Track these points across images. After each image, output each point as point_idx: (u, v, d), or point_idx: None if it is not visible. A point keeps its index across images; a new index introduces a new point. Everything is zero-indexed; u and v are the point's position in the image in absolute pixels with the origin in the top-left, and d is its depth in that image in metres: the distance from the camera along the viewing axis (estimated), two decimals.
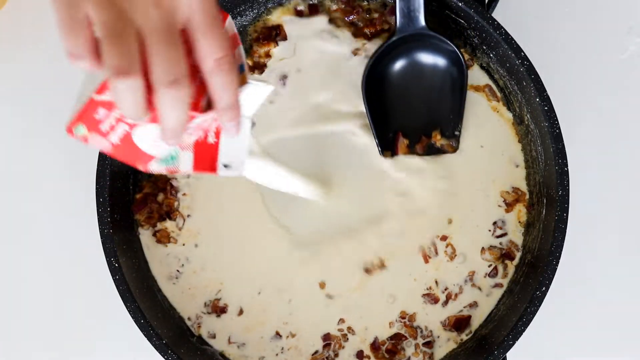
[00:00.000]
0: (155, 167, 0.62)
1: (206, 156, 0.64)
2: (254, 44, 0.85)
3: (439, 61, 0.83)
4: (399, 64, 0.83)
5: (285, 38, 0.85)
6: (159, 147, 0.60)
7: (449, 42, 0.81)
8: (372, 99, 0.82)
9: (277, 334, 0.83)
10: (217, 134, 0.64)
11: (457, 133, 0.83)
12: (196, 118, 0.58)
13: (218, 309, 0.83)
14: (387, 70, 0.83)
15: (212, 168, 0.65)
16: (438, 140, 0.83)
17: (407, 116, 0.84)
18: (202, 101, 0.59)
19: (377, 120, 0.82)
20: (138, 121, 0.57)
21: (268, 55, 0.85)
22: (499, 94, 0.84)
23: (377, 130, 0.82)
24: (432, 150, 0.83)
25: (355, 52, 0.85)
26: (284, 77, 0.84)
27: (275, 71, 0.84)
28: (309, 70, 0.84)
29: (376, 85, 0.83)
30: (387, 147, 0.83)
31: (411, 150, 0.83)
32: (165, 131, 0.57)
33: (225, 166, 0.65)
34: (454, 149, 0.83)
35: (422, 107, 0.84)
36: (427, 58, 0.83)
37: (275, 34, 0.85)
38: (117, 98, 0.54)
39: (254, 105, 0.62)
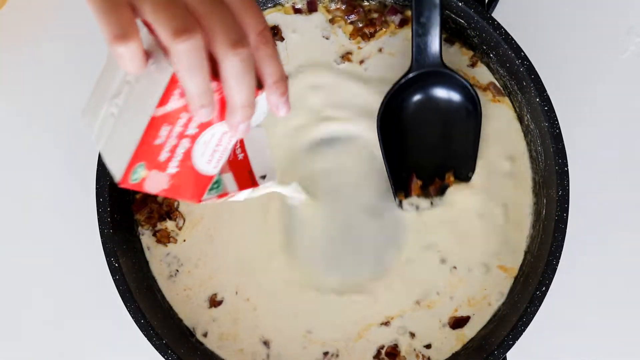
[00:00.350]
0: (206, 197, 0.59)
1: (243, 172, 0.63)
2: None
3: (455, 99, 0.82)
4: (413, 102, 0.82)
5: (282, 39, 0.85)
6: (218, 157, 0.58)
7: (465, 80, 0.81)
8: (386, 138, 0.81)
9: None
10: (243, 148, 0.62)
11: (470, 175, 0.82)
12: (257, 95, 0.56)
13: (216, 303, 0.83)
14: (401, 108, 0.82)
15: (254, 182, 0.63)
16: (451, 182, 0.82)
17: (422, 156, 0.83)
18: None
19: (391, 160, 0.81)
20: (207, 107, 0.53)
21: None
22: (503, 91, 0.84)
23: (392, 171, 0.81)
24: (444, 192, 0.83)
25: (346, 58, 0.84)
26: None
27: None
28: (302, 75, 0.84)
29: (391, 124, 0.82)
30: (401, 188, 0.82)
31: (424, 191, 0.82)
32: (237, 111, 0.54)
33: (262, 177, 0.64)
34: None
35: (436, 147, 0.83)
36: (442, 96, 0.82)
37: (274, 33, 0.85)
38: (182, 68, 0.51)
39: (264, 104, 0.60)
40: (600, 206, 0.89)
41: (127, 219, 0.83)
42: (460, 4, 0.80)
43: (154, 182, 0.56)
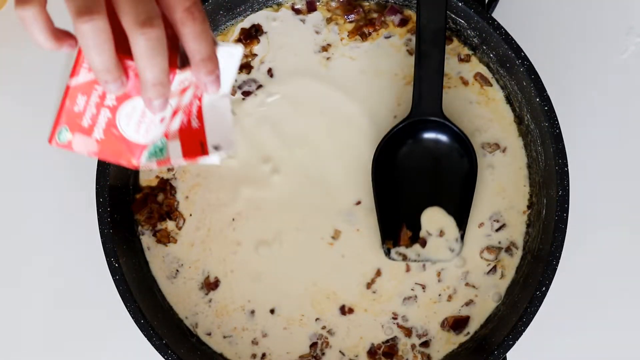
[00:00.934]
0: (145, 161, 0.59)
1: (194, 141, 0.62)
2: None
3: (451, 152, 0.81)
4: (408, 148, 0.81)
5: (263, 32, 0.85)
6: (146, 128, 0.58)
7: (462, 133, 0.80)
8: (379, 183, 0.81)
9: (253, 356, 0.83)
10: (200, 117, 0.62)
11: (461, 232, 0.82)
12: (176, 75, 0.56)
13: (211, 285, 0.83)
14: (396, 154, 0.82)
15: (204, 151, 0.63)
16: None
17: (413, 206, 0.82)
18: (177, 60, 0.57)
19: (383, 207, 0.81)
20: (114, 82, 0.55)
21: (253, 54, 0.85)
22: (491, 80, 0.84)
23: (382, 217, 0.81)
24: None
25: (325, 48, 0.85)
26: (269, 70, 0.84)
27: (262, 67, 0.85)
28: (287, 62, 0.85)
29: (384, 169, 0.81)
30: (389, 236, 0.82)
31: (412, 243, 0.82)
32: (148, 88, 0.54)
33: (216, 148, 0.63)
34: (453, 253, 0.82)
35: (429, 197, 0.82)
36: (438, 145, 0.81)
37: (256, 30, 0.85)
38: (85, 47, 0.52)
39: (229, 74, 0.60)
40: (600, 206, 0.89)
41: (127, 219, 0.83)
42: (460, 4, 0.80)
43: (82, 145, 0.58)
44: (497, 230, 0.83)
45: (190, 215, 0.83)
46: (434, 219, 0.82)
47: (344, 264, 0.82)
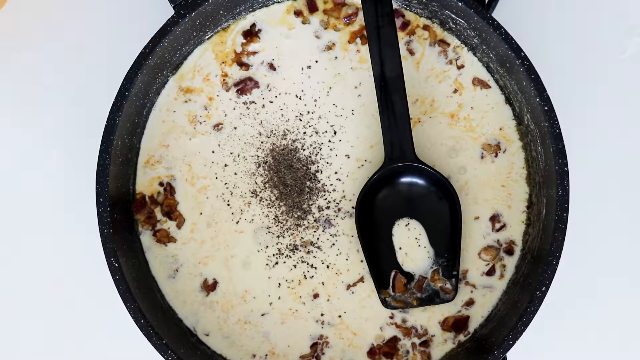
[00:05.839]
0: None
1: None
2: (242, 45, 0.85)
3: (431, 194, 0.82)
4: (390, 197, 0.82)
5: (263, 31, 0.85)
6: None
7: (440, 174, 0.80)
8: (366, 233, 0.81)
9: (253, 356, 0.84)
10: None
11: (454, 273, 0.82)
12: None
13: (209, 287, 0.83)
14: (377, 202, 0.82)
15: None
16: (436, 280, 0.82)
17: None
18: None
19: (372, 256, 0.81)
20: None
21: (252, 52, 0.85)
22: (489, 82, 0.84)
23: (373, 267, 0.82)
24: (427, 297, 0.82)
25: (330, 47, 0.85)
26: (270, 65, 0.85)
27: (264, 64, 0.85)
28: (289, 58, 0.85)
29: (369, 218, 0.82)
30: (384, 285, 0.82)
31: (409, 288, 0.82)
32: None
33: None
34: (452, 293, 0.82)
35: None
36: (417, 190, 0.82)
37: (257, 29, 0.85)
38: None
39: None
40: (600, 206, 0.89)
41: (127, 219, 0.83)
42: (460, 4, 0.80)
43: None
44: (497, 230, 0.83)
45: (201, 213, 0.84)
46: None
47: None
